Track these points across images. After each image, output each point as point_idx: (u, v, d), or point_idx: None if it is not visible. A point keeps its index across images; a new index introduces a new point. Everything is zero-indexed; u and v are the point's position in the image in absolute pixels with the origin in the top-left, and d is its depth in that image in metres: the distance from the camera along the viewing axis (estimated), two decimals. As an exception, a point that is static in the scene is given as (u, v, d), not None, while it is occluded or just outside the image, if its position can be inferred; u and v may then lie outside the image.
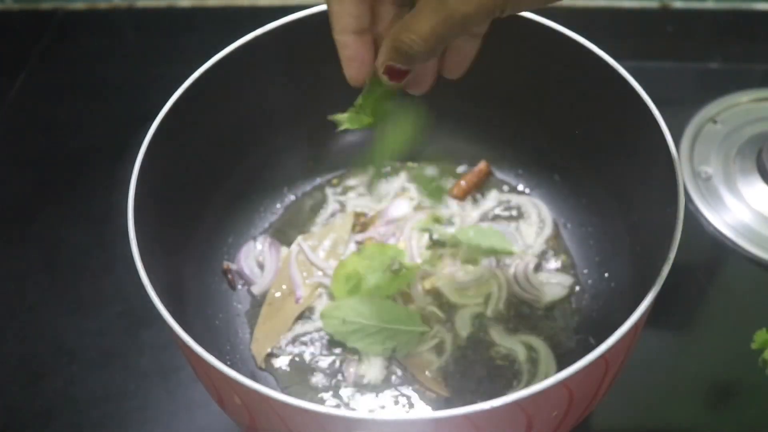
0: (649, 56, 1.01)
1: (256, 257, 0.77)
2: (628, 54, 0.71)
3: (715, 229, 0.83)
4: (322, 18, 0.68)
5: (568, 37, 0.64)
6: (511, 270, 0.75)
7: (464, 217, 0.79)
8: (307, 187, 0.83)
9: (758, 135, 0.91)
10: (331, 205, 0.81)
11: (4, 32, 1.12)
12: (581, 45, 0.64)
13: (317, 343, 0.72)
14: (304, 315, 0.73)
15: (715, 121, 0.92)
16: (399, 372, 0.69)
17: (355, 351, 0.70)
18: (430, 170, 0.83)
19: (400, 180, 0.83)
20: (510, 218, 0.79)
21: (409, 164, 0.84)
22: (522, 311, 0.73)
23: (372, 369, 0.69)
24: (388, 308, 0.69)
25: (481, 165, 0.82)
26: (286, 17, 0.67)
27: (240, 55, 0.66)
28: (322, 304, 0.74)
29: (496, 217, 0.80)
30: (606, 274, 0.73)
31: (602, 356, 0.48)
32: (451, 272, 0.74)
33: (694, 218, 0.84)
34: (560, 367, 0.69)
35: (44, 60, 1.07)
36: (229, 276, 0.75)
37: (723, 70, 1.00)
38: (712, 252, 0.82)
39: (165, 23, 1.11)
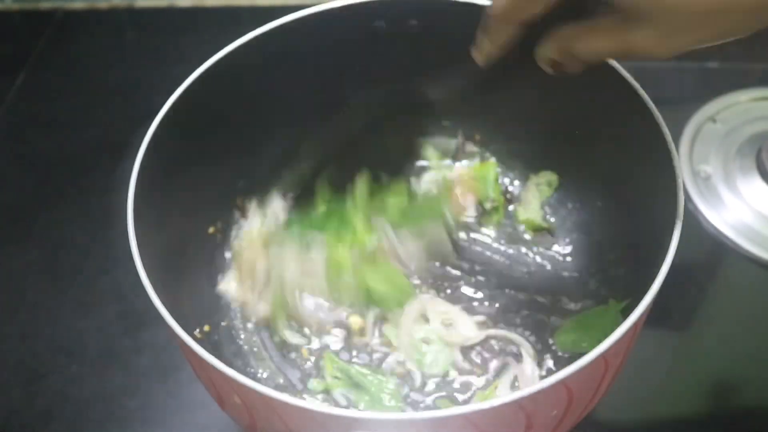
0: (648, 56, 1.01)
1: (256, 257, 0.77)
2: (628, 54, 0.71)
3: (714, 228, 0.83)
4: (322, 18, 0.69)
5: (568, 36, 0.64)
6: None
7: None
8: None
9: (758, 134, 0.91)
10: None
11: (4, 32, 1.12)
12: (581, 45, 0.63)
13: (318, 344, 0.72)
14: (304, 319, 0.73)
15: (714, 120, 0.92)
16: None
17: None
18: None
19: None
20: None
21: (409, 164, 0.84)
22: (521, 311, 0.73)
23: None
24: None
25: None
26: (286, 17, 0.67)
27: (240, 55, 0.66)
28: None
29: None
30: (606, 274, 0.73)
31: (602, 356, 0.48)
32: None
33: (693, 217, 0.84)
34: (560, 367, 0.69)
35: (44, 60, 1.07)
36: (229, 276, 0.75)
37: (722, 70, 1.00)
38: (711, 252, 0.82)
39: (165, 23, 1.11)
